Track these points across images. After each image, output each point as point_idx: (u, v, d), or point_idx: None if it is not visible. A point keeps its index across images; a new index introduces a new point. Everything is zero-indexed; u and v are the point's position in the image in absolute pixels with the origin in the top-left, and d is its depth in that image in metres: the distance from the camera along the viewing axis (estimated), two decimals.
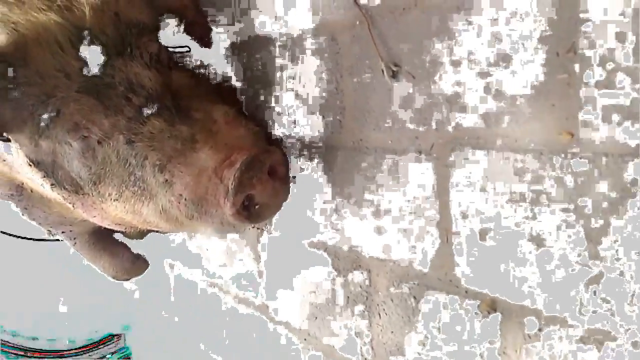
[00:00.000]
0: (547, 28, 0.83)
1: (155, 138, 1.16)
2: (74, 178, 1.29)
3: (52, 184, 1.35)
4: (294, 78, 1.27)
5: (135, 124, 1.17)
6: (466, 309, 1.04)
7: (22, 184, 1.55)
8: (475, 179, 0.96)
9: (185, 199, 1.16)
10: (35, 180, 1.42)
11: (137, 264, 1.93)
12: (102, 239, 1.87)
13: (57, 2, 1.23)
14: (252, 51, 1.38)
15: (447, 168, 0.99)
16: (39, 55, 1.19)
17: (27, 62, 1.19)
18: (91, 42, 1.20)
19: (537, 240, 0.91)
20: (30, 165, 1.32)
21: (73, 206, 1.42)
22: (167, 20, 1.33)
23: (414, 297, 1.13)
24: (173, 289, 2.20)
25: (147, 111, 1.18)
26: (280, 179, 1.19)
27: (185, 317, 2.20)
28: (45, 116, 1.19)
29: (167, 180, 1.16)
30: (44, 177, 1.33)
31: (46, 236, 1.87)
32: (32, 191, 1.56)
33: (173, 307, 2.27)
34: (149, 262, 1.95)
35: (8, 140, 1.28)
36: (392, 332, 1.20)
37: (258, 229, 1.49)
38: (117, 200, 1.28)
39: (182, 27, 1.36)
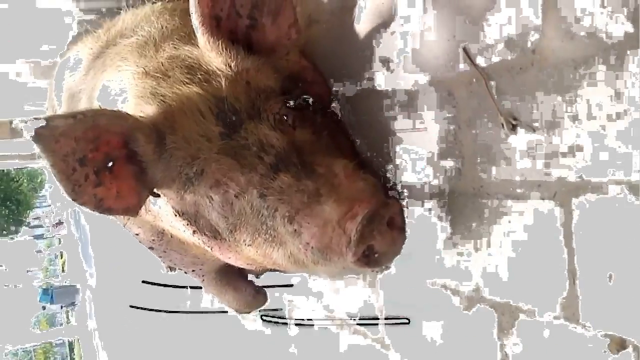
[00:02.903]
0: None
1: (284, 192, 1.28)
2: (213, 226, 1.44)
3: (193, 231, 1.50)
4: (409, 130, 1.36)
5: (267, 179, 1.29)
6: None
7: (164, 230, 1.72)
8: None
9: (312, 247, 1.26)
10: (177, 227, 1.58)
11: (257, 298, 2.07)
12: (227, 275, 2.02)
13: (198, 76, 1.38)
14: (366, 104, 1.49)
15: (570, 214, 1.04)
16: (184, 123, 1.34)
17: (175, 130, 1.34)
18: (228, 110, 1.36)
19: None
20: (176, 215, 1.49)
21: (211, 249, 1.57)
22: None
23: None
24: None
25: (276, 168, 1.32)
26: (398, 228, 1.27)
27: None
28: (190, 175, 1.35)
29: (295, 230, 1.27)
30: (187, 225, 1.49)
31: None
32: (172, 236, 1.73)
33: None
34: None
35: (158, 195, 1.46)
36: None
37: (376, 272, 1.58)
38: (250, 245, 1.41)
39: (303, 87, 1.48)
